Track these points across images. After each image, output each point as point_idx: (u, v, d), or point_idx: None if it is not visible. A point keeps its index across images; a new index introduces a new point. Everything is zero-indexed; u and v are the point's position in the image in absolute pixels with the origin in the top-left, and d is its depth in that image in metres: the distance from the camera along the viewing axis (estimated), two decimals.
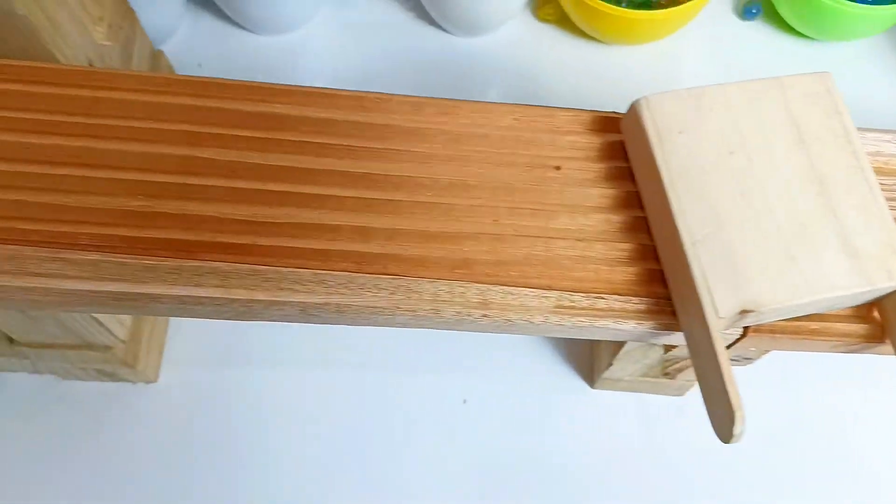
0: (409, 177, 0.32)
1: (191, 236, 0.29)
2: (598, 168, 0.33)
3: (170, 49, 0.54)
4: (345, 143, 0.32)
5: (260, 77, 0.55)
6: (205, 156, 0.31)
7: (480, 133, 0.33)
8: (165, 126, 0.31)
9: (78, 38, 0.40)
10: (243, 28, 0.56)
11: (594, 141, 0.34)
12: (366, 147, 0.32)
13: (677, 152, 0.31)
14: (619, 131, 0.34)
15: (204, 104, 0.32)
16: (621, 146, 0.33)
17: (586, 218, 0.32)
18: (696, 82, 0.55)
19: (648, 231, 0.32)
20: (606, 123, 0.34)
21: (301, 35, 0.57)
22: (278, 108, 0.33)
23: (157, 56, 0.51)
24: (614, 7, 0.51)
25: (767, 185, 0.30)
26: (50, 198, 0.29)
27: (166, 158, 0.31)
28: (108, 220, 0.29)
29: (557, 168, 0.33)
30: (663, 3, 0.53)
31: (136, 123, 0.31)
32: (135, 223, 0.29)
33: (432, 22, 0.57)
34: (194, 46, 0.56)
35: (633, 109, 0.32)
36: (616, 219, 0.32)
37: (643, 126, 0.31)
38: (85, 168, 0.30)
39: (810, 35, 0.56)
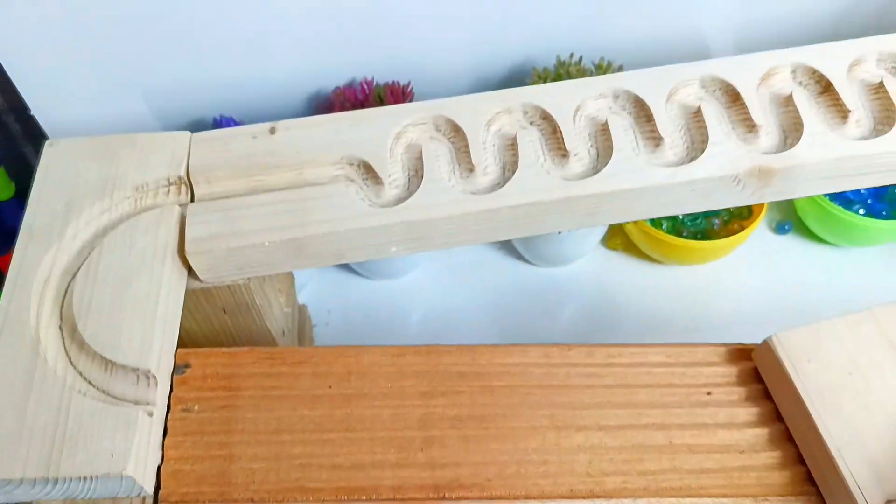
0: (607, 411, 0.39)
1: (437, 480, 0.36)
2: (739, 391, 0.41)
3: (304, 299, 0.63)
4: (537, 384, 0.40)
5: (379, 316, 0.64)
6: (437, 410, 0.38)
7: (643, 371, 0.41)
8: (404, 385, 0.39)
9: (277, 311, 0.48)
10: (361, 275, 0.65)
11: (731, 369, 0.42)
12: (559, 386, 0.40)
13: (810, 376, 0.39)
14: (748, 359, 0.42)
15: (431, 366, 0.40)
16: (753, 371, 0.42)
17: (741, 433, 0.40)
18: (747, 293, 0.65)
19: (792, 440, 0.40)
20: (738, 354, 0.42)
21: (411, 278, 0.66)
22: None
23: (302, 310, 0.59)
24: (677, 238, 0.62)
25: (884, 397, 0.38)
26: (327, 460, 0.36)
27: (406, 415, 0.38)
28: (372, 472, 0.36)
29: (709, 394, 0.41)
30: (718, 231, 0.64)
31: (380, 388, 0.39)
32: (392, 473, 0.36)
33: (520, 257, 0.67)
34: (323, 296, 0.65)
35: (767, 345, 0.40)
36: (763, 432, 0.40)
37: (778, 358, 0.39)
38: (348, 432, 0.37)
39: (836, 244, 0.67)
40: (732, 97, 0.44)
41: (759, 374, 0.42)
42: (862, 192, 0.64)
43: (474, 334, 0.65)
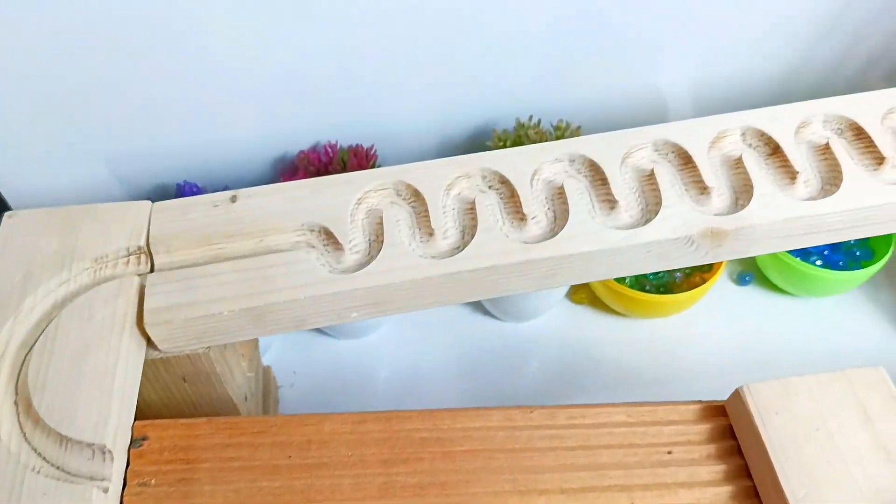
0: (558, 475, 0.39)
1: None
2: (701, 449, 0.41)
3: (269, 360, 0.63)
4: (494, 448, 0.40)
5: (345, 376, 0.64)
6: (398, 478, 0.38)
7: (605, 431, 0.41)
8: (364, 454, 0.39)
9: (239, 377, 0.48)
10: (327, 335, 0.65)
11: (693, 427, 0.42)
12: (509, 449, 0.40)
13: (777, 429, 0.39)
14: (713, 416, 0.42)
15: (393, 433, 0.40)
16: (720, 428, 0.42)
17: (703, 492, 0.40)
18: (712, 344, 0.66)
19: (757, 496, 0.40)
20: (701, 412, 0.43)
21: (377, 336, 0.66)
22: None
23: (267, 372, 0.59)
24: (639, 293, 0.63)
25: (847, 454, 0.39)
26: None
27: (367, 484, 0.38)
28: None
29: (669, 453, 0.41)
30: (680, 284, 0.65)
31: (341, 457, 0.38)
32: None
33: (487, 312, 0.67)
34: (288, 357, 0.64)
35: (738, 395, 0.41)
36: (727, 490, 0.40)
37: (748, 408, 0.40)
38: (308, 503, 0.37)
39: (796, 294, 0.68)
40: (684, 160, 0.45)
41: (726, 431, 0.42)
42: (848, 240, 0.65)
43: (442, 392, 0.64)
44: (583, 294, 0.68)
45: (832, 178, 0.44)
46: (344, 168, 0.55)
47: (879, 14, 0.60)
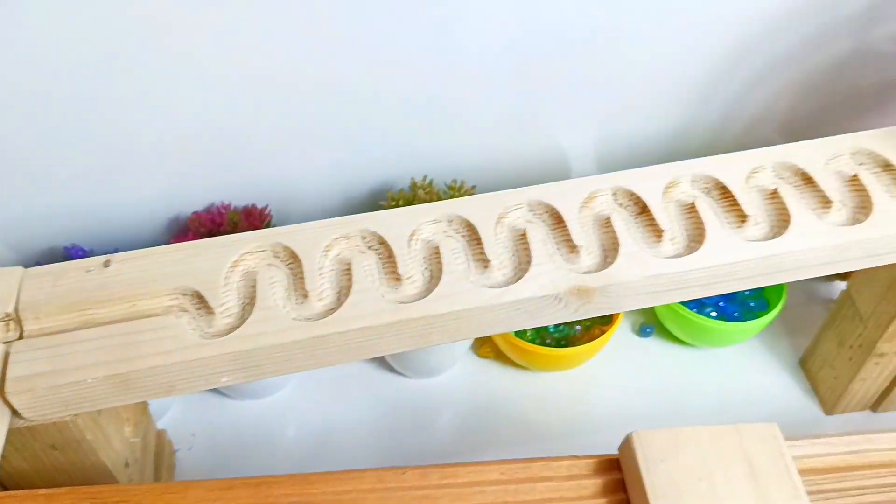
0: None
1: None
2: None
3: (167, 422, 0.62)
4: None
5: (247, 438, 0.63)
6: None
7: (477, 490, 0.42)
8: None
9: (118, 444, 0.47)
10: (228, 396, 0.65)
11: (567, 484, 0.43)
12: None
13: (660, 476, 0.40)
14: (608, 470, 0.42)
15: (262, 499, 0.39)
16: (615, 483, 0.42)
17: None
18: (616, 395, 0.67)
19: None
20: (579, 466, 0.43)
21: (280, 396, 0.66)
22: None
23: (160, 436, 0.58)
24: (539, 347, 0.64)
25: None
26: None
27: None
28: None
29: None
30: (580, 337, 0.66)
31: None
32: None
33: (392, 369, 0.67)
34: (187, 418, 0.63)
35: (628, 442, 0.41)
36: None
37: (636, 456, 0.40)
38: None
39: (694, 345, 0.70)
40: (556, 220, 0.47)
41: (618, 485, 0.42)
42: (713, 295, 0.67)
43: (351, 452, 0.64)
44: (488, 348, 0.69)
45: (697, 236, 0.46)
46: (234, 229, 0.55)
47: (762, 76, 0.63)
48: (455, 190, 0.58)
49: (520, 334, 0.65)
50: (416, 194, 0.58)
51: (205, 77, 0.52)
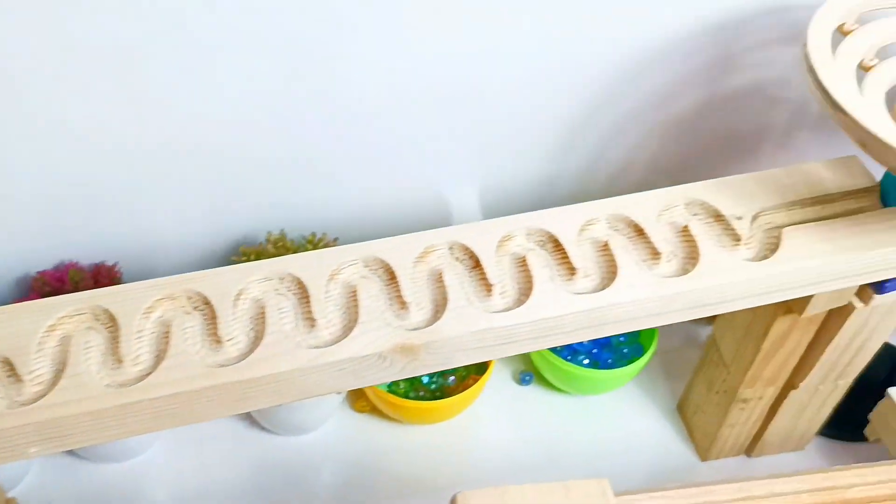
0: None
1: None
2: None
3: (23, 489, 0.59)
4: None
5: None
6: None
7: None
8: None
9: None
10: (86, 459, 0.62)
11: None
12: None
13: None
14: None
15: None
16: None
17: None
18: (497, 444, 0.67)
19: None
20: None
21: (144, 459, 0.64)
22: None
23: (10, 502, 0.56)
24: (409, 401, 0.63)
25: None
26: None
27: None
28: None
29: None
30: (455, 387, 0.65)
31: None
32: None
33: (262, 427, 0.66)
34: (46, 484, 0.61)
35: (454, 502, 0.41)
36: None
37: None
38: None
39: (571, 392, 0.70)
40: (390, 275, 0.46)
41: None
42: (586, 342, 0.67)
43: None
44: (364, 402, 0.68)
45: (526, 290, 0.46)
46: (76, 288, 0.54)
47: (621, 125, 0.64)
48: (313, 243, 0.58)
49: (392, 387, 0.65)
50: (272, 247, 0.57)
51: (56, 134, 0.52)
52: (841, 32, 0.50)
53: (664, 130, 0.65)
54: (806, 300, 0.51)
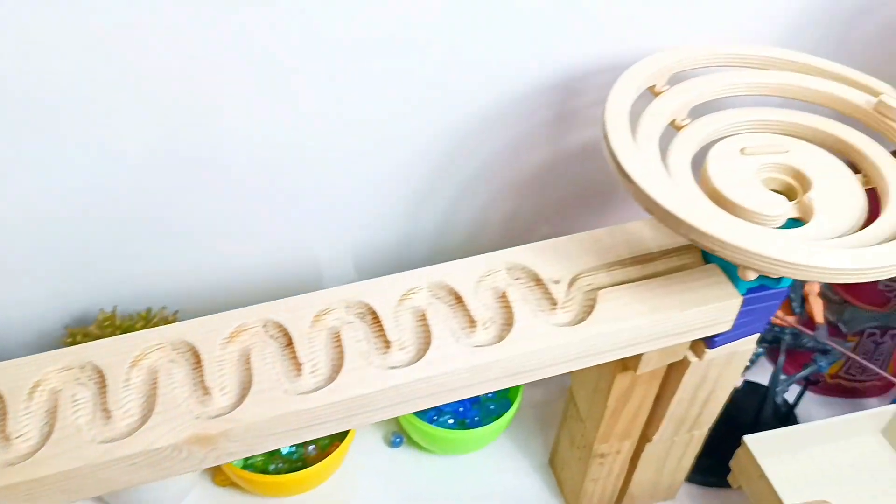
0: None
1: None
2: None
3: None
4: None
5: None
6: None
7: None
8: None
9: None
10: None
11: None
12: None
13: None
14: None
15: None
16: None
17: None
18: None
19: None
20: None
21: None
22: None
23: None
24: (264, 476, 0.61)
25: None
26: None
27: None
28: None
29: None
30: (316, 456, 0.63)
31: None
32: None
33: None
34: None
35: None
36: None
37: None
38: None
39: (441, 453, 0.69)
40: (196, 359, 0.45)
41: None
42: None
43: None
44: (224, 476, 0.66)
45: (338, 367, 0.44)
46: None
47: (467, 186, 0.64)
48: (146, 319, 0.56)
49: (248, 461, 0.63)
50: (105, 325, 0.55)
51: None
52: (652, 93, 0.51)
53: (516, 188, 0.65)
54: (637, 358, 0.50)
